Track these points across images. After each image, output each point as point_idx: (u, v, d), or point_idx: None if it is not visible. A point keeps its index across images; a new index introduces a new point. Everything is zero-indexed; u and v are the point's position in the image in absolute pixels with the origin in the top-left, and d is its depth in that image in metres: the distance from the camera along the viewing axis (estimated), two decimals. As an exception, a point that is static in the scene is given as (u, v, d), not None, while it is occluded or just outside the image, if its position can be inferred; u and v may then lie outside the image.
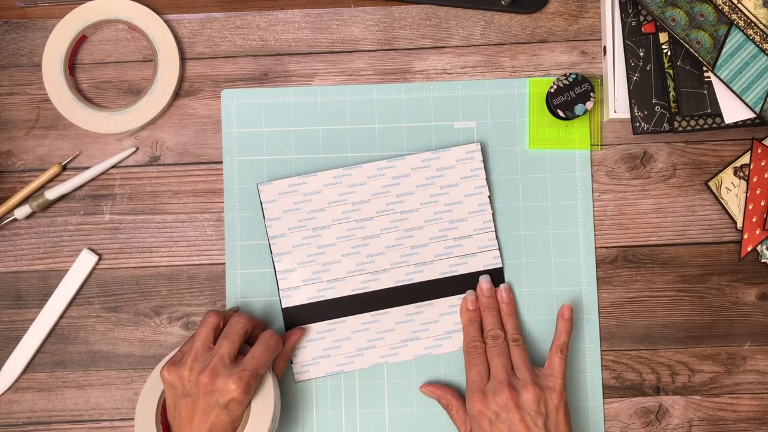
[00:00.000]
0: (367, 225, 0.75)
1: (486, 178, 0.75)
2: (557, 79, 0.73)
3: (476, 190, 0.75)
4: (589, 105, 0.73)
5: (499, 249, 0.75)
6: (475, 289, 0.74)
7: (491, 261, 0.75)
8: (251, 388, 0.65)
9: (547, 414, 0.67)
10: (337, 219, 0.75)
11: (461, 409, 0.71)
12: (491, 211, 0.75)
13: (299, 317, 0.74)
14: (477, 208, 0.75)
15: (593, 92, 0.73)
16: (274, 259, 0.74)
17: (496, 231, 0.75)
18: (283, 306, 0.74)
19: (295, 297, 0.74)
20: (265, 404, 0.67)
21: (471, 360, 0.71)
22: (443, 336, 0.74)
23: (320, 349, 0.74)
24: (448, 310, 0.74)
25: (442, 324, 0.74)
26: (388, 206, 0.75)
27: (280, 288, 0.74)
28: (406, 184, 0.75)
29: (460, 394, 0.73)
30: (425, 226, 0.75)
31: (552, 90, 0.73)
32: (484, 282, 0.74)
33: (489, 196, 0.75)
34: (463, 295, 0.74)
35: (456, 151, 0.75)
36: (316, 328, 0.74)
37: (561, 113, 0.73)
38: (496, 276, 0.75)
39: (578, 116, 0.73)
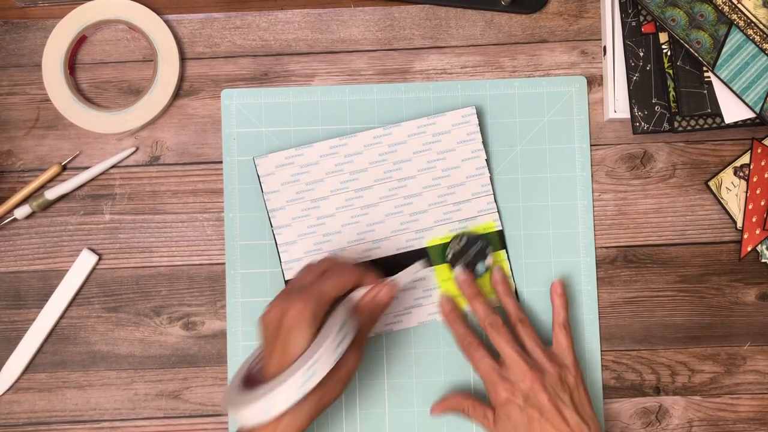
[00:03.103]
0: (366, 194, 0.74)
1: (483, 142, 0.74)
2: (449, 245, 0.72)
3: (473, 154, 0.75)
4: (489, 261, 0.72)
5: (498, 212, 0.75)
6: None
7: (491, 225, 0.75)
8: (311, 312, 0.60)
9: (571, 390, 0.67)
10: (335, 189, 0.74)
11: (477, 404, 0.70)
12: (489, 175, 0.75)
13: None
14: (475, 172, 0.75)
15: (490, 245, 0.72)
16: (275, 232, 0.74)
17: (494, 194, 0.75)
18: (286, 278, 0.74)
19: (297, 269, 0.74)
20: (334, 350, 0.60)
21: (473, 356, 0.69)
22: None
23: None
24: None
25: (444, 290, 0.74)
26: (386, 174, 0.74)
27: (282, 261, 0.74)
28: (402, 151, 0.75)
29: (467, 393, 0.72)
30: (423, 193, 0.75)
31: (449, 258, 0.72)
32: (459, 273, 0.72)
33: (486, 160, 0.75)
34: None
35: (451, 116, 0.75)
36: None
37: None
38: (497, 239, 0.74)
39: (482, 275, 0.72)
